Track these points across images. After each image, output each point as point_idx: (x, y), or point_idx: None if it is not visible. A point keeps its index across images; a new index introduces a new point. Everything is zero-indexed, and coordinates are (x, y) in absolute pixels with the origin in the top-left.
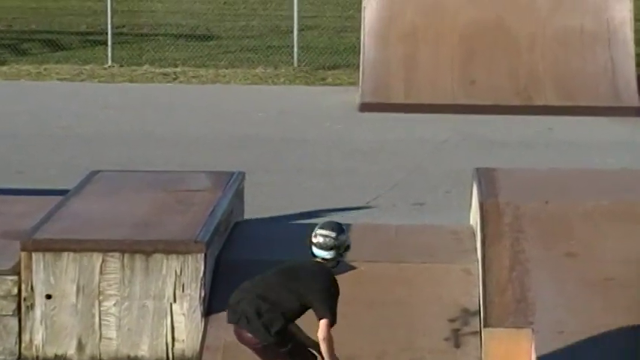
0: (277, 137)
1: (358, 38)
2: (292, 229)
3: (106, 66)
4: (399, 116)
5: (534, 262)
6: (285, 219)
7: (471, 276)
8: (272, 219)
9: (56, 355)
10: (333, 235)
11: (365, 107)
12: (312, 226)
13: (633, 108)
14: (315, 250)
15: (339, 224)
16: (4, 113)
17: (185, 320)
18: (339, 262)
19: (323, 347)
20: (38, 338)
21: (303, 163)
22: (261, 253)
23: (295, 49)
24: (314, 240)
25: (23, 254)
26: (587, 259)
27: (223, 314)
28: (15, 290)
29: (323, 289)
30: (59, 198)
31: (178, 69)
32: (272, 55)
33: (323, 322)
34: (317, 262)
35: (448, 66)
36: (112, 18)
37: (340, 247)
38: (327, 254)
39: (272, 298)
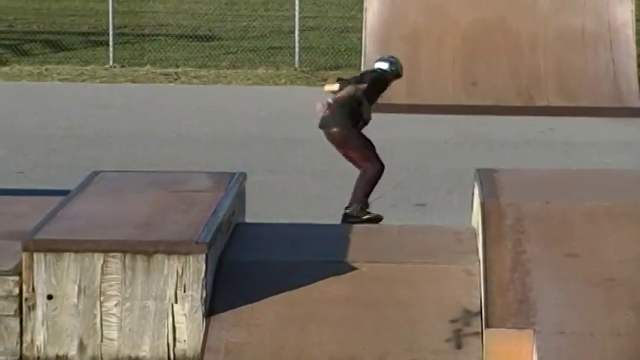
0: (279, 138)
1: (360, 39)
2: (293, 229)
3: (107, 66)
4: (401, 117)
5: (536, 262)
6: (287, 219)
7: (473, 277)
8: (274, 219)
9: (57, 356)
10: (388, 56)
11: None
12: (314, 227)
13: (634, 109)
14: (377, 64)
15: (392, 56)
16: (5, 113)
17: (186, 321)
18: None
19: None
20: (39, 339)
21: (304, 164)
22: (263, 254)
23: (297, 50)
24: (378, 59)
25: (25, 255)
26: (589, 260)
27: (225, 315)
28: (16, 291)
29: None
30: (60, 198)
31: (180, 69)
32: (273, 56)
33: None
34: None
35: (450, 66)
36: (113, 19)
37: (394, 64)
38: (384, 64)
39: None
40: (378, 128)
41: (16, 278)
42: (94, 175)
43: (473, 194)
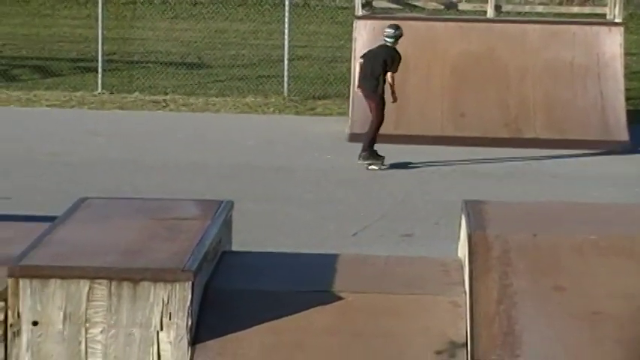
0: (266, 166)
1: (349, 68)
2: (280, 258)
3: (95, 93)
4: (389, 147)
5: (522, 295)
6: (274, 248)
7: (459, 308)
8: (260, 248)
9: None
10: (392, 31)
11: (354, 138)
12: (301, 256)
13: (622, 142)
14: (386, 39)
15: (395, 24)
16: None
17: (172, 349)
18: (397, 43)
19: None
20: None
21: (291, 193)
22: (249, 283)
23: (285, 79)
24: (384, 33)
25: (10, 280)
26: (575, 293)
27: (210, 343)
28: (1, 317)
29: (395, 59)
30: (47, 225)
31: (168, 97)
32: (262, 85)
33: (393, 74)
34: (387, 46)
35: (438, 97)
36: (102, 45)
37: (397, 37)
38: (390, 40)
39: (373, 70)
40: None
41: (2, 304)
42: (81, 201)
43: (460, 226)
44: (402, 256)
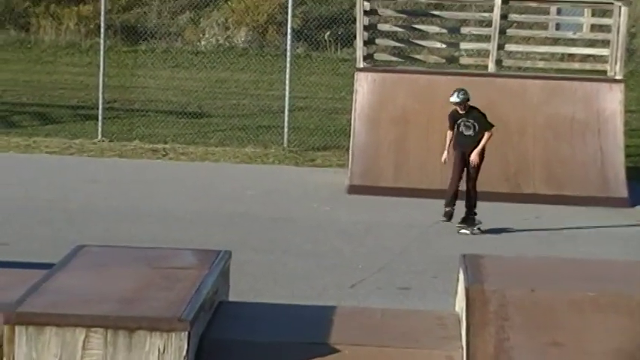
0: (265, 217)
1: (349, 120)
2: (277, 309)
3: (95, 140)
4: (387, 199)
5: (519, 350)
6: (271, 299)
7: None
8: (257, 299)
9: None
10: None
11: (353, 190)
12: (297, 307)
13: (621, 199)
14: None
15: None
16: None
17: None
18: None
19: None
20: None
21: (289, 244)
22: (245, 333)
23: (285, 130)
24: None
25: (6, 327)
26: (573, 350)
27: None
28: None
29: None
30: (44, 271)
31: (168, 145)
32: (262, 135)
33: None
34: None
35: (438, 151)
36: (103, 93)
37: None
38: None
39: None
40: (365, 210)
41: None
42: (79, 249)
43: (457, 279)
44: (398, 309)
